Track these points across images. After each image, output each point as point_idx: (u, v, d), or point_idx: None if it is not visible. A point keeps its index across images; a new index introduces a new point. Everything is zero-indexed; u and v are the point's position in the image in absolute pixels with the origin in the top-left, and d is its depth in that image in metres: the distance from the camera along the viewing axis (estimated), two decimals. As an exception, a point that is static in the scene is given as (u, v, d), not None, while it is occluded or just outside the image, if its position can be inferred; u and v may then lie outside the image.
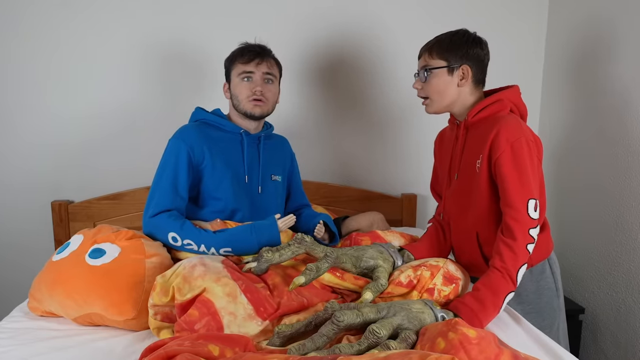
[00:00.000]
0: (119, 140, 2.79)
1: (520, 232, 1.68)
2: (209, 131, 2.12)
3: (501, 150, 1.74)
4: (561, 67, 2.95)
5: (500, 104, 1.87)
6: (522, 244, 1.68)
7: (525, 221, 1.69)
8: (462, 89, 1.90)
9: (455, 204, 2.00)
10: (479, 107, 1.87)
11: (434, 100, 1.92)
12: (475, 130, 1.89)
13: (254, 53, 2.12)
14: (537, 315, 1.95)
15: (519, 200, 1.70)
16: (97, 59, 2.71)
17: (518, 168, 1.73)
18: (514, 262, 1.66)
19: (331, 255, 1.70)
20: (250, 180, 2.16)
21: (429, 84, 1.90)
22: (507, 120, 1.79)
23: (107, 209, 2.76)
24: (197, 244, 1.89)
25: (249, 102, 2.11)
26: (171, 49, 2.76)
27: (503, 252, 1.68)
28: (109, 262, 1.73)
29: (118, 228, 1.92)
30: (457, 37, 1.90)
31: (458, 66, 1.87)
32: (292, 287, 1.57)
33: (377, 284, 1.68)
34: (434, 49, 1.90)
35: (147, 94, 2.78)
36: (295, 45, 2.87)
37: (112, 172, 2.81)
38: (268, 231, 1.93)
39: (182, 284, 1.57)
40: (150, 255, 1.79)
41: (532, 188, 1.72)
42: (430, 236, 2.09)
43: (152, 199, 1.99)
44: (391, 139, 3.06)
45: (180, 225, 1.92)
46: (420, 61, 1.95)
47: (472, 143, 1.90)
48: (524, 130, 1.78)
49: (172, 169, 2.01)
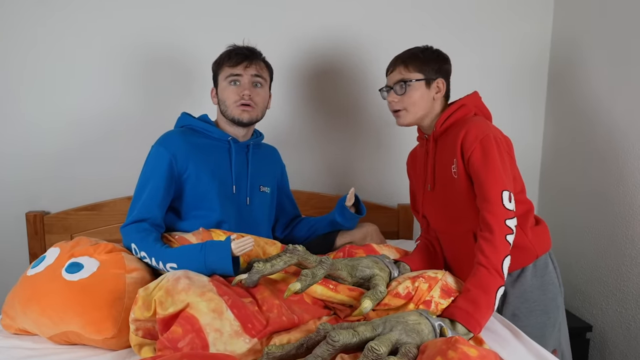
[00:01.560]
0: (98, 147, 2.79)
1: (496, 223, 1.77)
2: (194, 138, 2.12)
3: (472, 148, 1.87)
4: (566, 71, 2.98)
5: (465, 109, 2.02)
6: (500, 235, 1.76)
7: (500, 212, 1.78)
8: (435, 102, 2.05)
9: (441, 216, 2.08)
10: (445, 115, 2.01)
11: (409, 112, 2.04)
12: (444, 138, 2.02)
13: (242, 56, 2.12)
14: (543, 312, 2.00)
15: (492, 193, 1.81)
16: (75, 61, 2.72)
17: (488, 162, 1.84)
18: (496, 255, 1.74)
19: (327, 262, 1.71)
20: (238, 190, 2.16)
21: (407, 96, 2.02)
22: (473, 120, 1.93)
23: (85, 221, 2.75)
24: (149, 256, 1.89)
25: (236, 108, 2.11)
26: (156, 51, 2.77)
27: (484, 248, 1.76)
28: (87, 277, 1.72)
29: (97, 241, 1.92)
30: (429, 52, 2.05)
31: (434, 79, 2.02)
32: (288, 294, 1.57)
33: (375, 292, 1.70)
34: (410, 62, 2.02)
35: (128, 99, 2.79)
36: (285, 49, 2.89)
37: (90, 181, 2.80)
38: (218, 253, 1.80)
39: (165, 297, 1.56)
40: (131, 269, 1.79)
41: (504, 180, 1.83)
42: (422, 250, 2.15)
43: (131, 209, 2.02)
44: (387, 146, 3.07)
45: (142, 237, 1.92)
46: (394, 74, 2.05)
47: (443, 151, 2.01)
48: (491, 128, 1.92)
49: (152, 178, 2.02)
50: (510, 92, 3.11)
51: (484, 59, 3.05)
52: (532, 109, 3.17)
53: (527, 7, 3.08)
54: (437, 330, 1.54)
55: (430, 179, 2.07)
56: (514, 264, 1.96)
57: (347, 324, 1.52)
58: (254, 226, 2.19)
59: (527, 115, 3.17)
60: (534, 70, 3.14)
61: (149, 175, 2.03)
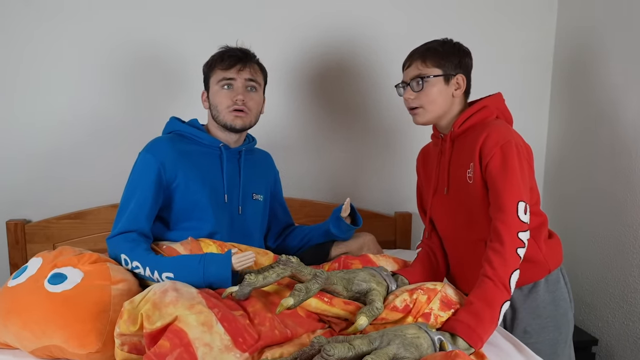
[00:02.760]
0: (82, 153, 2.79)
1: (508, 235, 1.75)
2: (183, 145, 2.12)
3: (491, 154, 1.84)
4: (570, 72, 2.99)
5: (487, 111, 1.98)
6: (510, 248, 1.73)
7: (514, 224, 1.76)
8: (454, 100, 2.01)
9: (450, 221, 2.06)
10: (464, 116, 1.97)
11: (427, 110, 1.99)
12: (462, 140, 1.99)
13: (236, 58, 2.11)
14: (555, 328, 2.00)
15: (508, 203, 1.78)
16: (56, 62, 2.72)
17: (507, 170, 1.81)
18: (504, 268, 1.71)
19: (321, 276, 1.70)
20: (230, 199, 2.16)
21: (424, 93, 1.97)
22: (495, 124, 1.91)
23: (68, 229, 2.75)
24: (143, 266, 1.88)
25: (229, 113, 2.10)
26: (143, 53, 2.77)
27: (492, 259, 1.73)
28: (71, 289, 1.72)
29: (81, 250, 1.92)
30: (448, 46, 2.01)
31: (453, 75, 1.98)
32: (280, 310, 1.57)
33: (372, 308, 1.69)
34: (428, 56, 1.97)
35: (111, 102, 2.79)
36: (280, 50, 2.90)
37: (74, 188, 2.80)
38: (218, 266, 1.81)
39: (152, 310, 1.56)
40: (117, 281, 1.79)
41: (521, 190, 1.80)
42: (423, 260, 2.13)
43: (118, 219, 2.01)
44: (384, 152, 3.08)
45: (132, 247, 1.92)
46: (411, 70, 2.01)
47: (460, 154, 1.98)
48: (513, 134, 1.89)
49: (139, 187, 2.02)
50: (511, 92, 3.12)
51: (487, 58, 3.05)
52: (536, 110, 3.19)
53: (531, 5, 3.10)
54: (437, 344, 1.54)
55: (443, 181, 2.05)
56: (525, 278, 1.92)
57: (343, 337, 1.52)
58: (247, 236, 2.19)
59: (530, 118, 3.18)
60: (537, 70, 3.16)
61: (136, 184, 2.03)
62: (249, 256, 1.83)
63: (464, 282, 2.07)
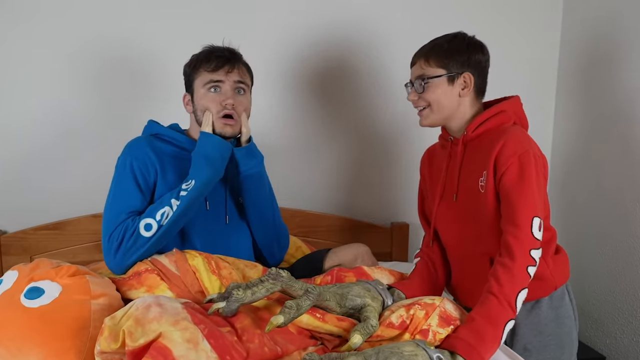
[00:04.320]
0: (60, 159, 2.79)
1: (520, 251, 1.73)
2: (162, 147, 2.11)
3: (508, 164, 1.81)
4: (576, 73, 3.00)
5: (504, 116, 1.96)
6: (521, 265, 1.72)
7: (527, 240, 1.74)
8: (463, 100, 1.98)
9: (456, 232, 2.05)
10: (479, 120, 1.95)
11: (433, 111, 1.98)
12: (476, 145, 1.97)
13: (223, 59, 2.09)
14: (557, 347, 2.00)
15: (523, 217, 1.76)
16: (26, 64, 2.72)
17: (524, 183, 1.79)
18: (512, 285, 1.70)
19: (313, 292, 1.69)
20: (212, 207, 2.15)
21: (427, 94, 1.96)
22: (513, 132, 1.88)
23: (46, 241, 2.74)
24: (166, 206, 1.94)
25: (218, 120, 2.07)
26: (118, 52, 2.78)
27: (500, 275, 1.72)
28: (49, 304, 1.71)
29: (59, 263, 1.91)
30: (457, 41, 1.97)
31: (459, 74, 1.94)
32: (270, 328, 1.56)
33: (366, 325, 1.68)
34: (431, 55, 1.95)
35: (92, 105, 2.79)
36: (269, 45, 2.90)
37: (51, 197, 2.80)
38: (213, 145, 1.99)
39: (135, 327, 1.55)
40: (97, 295, 1.78)
41: (537, 205, 1.79)
42: (421, 273, 2.12)
43: (108, 218, 1.99)
44: (380, 159, 3.09)
45: (145, 212, 1.97)
46: (415, 69, 2.00)
47: (473, 160, 1.96)
48: (531, 143, 1.87)
49: (125, 192, 2.01)
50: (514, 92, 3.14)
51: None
52: (541, 112, 3.20)
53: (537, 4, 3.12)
54: None
55: (452, 187, 2.03)
56: (530, 295, 1.85)
57: (336, 355, 1.52)
58: (234, 247, 2.18)
59: (533, 121, 3.18)
60: (541, 71, 3.18)
61: (120, 187, 2.03)
62: None
63: (467, 295, 2.07)
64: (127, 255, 1.96)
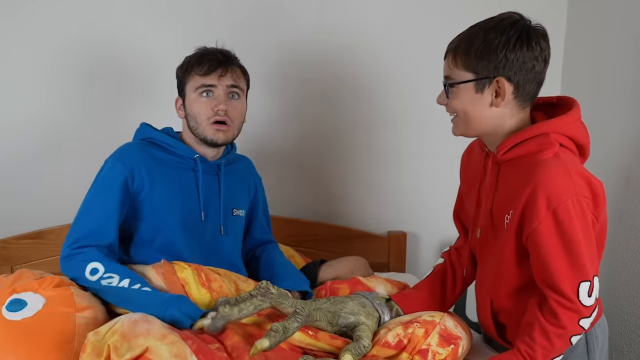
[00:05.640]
0: (43, 165, 2.78)
1: (568, 321, 1.55)
2: (156, 153, 2.09)
3: (540, 219, 1.54)
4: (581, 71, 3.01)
5: (544, 140, 1.60)
6: (566, 335, 1.56)
7: (576, 309, 1.54)
8: (499, 111, 1.64)
9: (480, 252, 1.89)
10: (511, 142, 1.64)
11: (462, 121, 1.70)
12: (509, 171, 1.69)
13: (216, 62, 2.07)
14: None
15: (567, 286, 1.54)
16: (6, 60, 2.70)
17: (566, 244, 1.54)
18: (546, 352, 1.56)
19: (302, 313, 1.65)
20: (207, 217, 2.14)
21: (453, 102, 1.68)
22: (547, 171, 1.56)
23: (27, 250, 2.73)
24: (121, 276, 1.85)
25: (209, 126, 2.06)
26: (104, 53, 2.77)
27: (536, 338, 1.56)
28: (31, 317, 1.72)
29: (42, 274, 1.92)
30: (495, 33, 1.59)
31: (489, 79, 1.61)
32: (254, 353, 1.54)
33: (358, 346, 1.66)
34: (459, 52, 1.64)
35: (77, 108, 2.78)
36: (264, 46, 2.88)
37: (34, 205, 2.79)
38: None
39: (121, 342, 1.55)
40: (82, 308, 1.79)
41: (586, 268, 1.54)
42: (433, 283, 2.00)
43: (76, 227, 1.99)
44: (375, 166, 3.08)
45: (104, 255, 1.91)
46: (445, 66, 1.71)
47: (505, 189, 1.70)
48: (571, 184, 1.54)
49: (103, 196, 2.00)
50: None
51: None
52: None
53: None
54: None
55: (487, 208, 1.77)
56: None
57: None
58: (227, 259, 2.16)
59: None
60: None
61: (100, 192, 2.01)
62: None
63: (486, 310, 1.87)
64: (70, 274, 1.94)
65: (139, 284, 1.85)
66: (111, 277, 1.86)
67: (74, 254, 1.93)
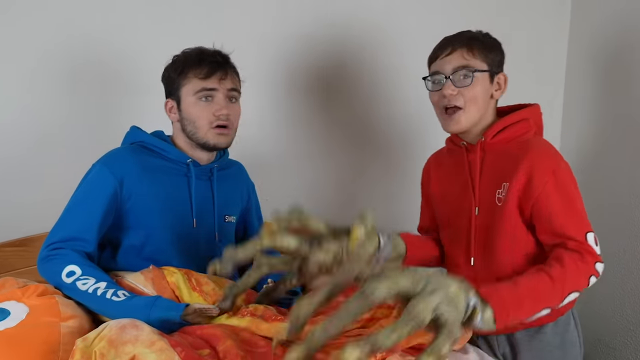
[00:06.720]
0: (27, 170, 2.77)
1: (591, 258, 1.71)
2: (147, 159, 2.08)
3: (544, 182, 1.77)
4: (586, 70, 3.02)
5: (526, 125, 1.92)
6: (587, 270, 1.69)
7: (592, 252, 1.72)
8: (491, 102, 1.95)
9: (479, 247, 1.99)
10: (500, 125, 1.91)
11: (466, 112, 1.89)
12: (494, 154, 1.93)
13: (216, 64, 2.06)
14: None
15: (580, 234, 1.73)
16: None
17: (569, 201, 1.78)
18: (571, 279, 1.66)
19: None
20: (200, 224, 2.13)
21: (470, 89, 1.87)
22: (540, 144, 1.87)
23: (11, 258, 2.72)
24: (98, 280, 1.85)
25: (211, 130, 2.05)
26: (91, 54, 2.76)
27: (567, 263, 1.67)
28: (15, 326, 1.71)
29: (25, 282, 1.92)
30: (489, 38, 1.94)
31: (497, 73, 1.92)
32: None
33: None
34: (476, 46, 1.88)
35: (63, 111, 2.77)
36: (261, 44, 2.89)
37: (17, 211, 2.78)
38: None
39: (107, 349, 1.55)
40: (67, 317, 1.79)
41: (587, 221, 1.78)
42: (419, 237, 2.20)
43: (58, 228, 1.98)
44: (377, 169, 3.09)
45: (83, 260, 1.90)
46: (454, 58, 1.88)
47: (492, 170, 1.92)
48: (559, 154, 1.86)
49: (89, 201, 1.99)
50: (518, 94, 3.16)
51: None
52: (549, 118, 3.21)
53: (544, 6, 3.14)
54: (469, 311, 1.47)
55: (475, 199, 1.96)
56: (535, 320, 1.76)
57: None
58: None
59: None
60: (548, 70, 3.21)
61: (87, 196, 2.01)
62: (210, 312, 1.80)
63: None
64: (47, 276, 1.94)
65: (114, 288, 1.85)
66: (87, 279, 1.85)
67: (52, 255, 1.93)
